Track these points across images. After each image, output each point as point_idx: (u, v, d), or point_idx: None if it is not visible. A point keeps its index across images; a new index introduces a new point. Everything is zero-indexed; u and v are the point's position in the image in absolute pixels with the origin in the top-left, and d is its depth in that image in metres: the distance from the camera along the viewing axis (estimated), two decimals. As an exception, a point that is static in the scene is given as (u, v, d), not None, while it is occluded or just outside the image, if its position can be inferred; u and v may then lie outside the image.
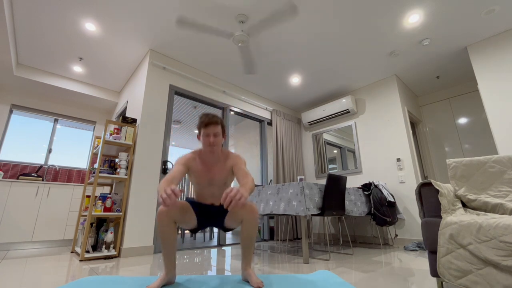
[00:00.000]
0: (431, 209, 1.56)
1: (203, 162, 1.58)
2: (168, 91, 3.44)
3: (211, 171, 1.57)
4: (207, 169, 1.57)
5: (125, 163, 2.92)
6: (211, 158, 1.57)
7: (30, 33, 3.08)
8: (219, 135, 1.54)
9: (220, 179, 1.57)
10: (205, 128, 1.52)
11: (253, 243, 1.47)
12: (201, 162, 1.58)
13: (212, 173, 1.57)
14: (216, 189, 1.58)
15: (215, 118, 1.54)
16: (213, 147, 1.52)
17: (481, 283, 1.20)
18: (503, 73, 3.01)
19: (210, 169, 1.57)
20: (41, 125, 4.26)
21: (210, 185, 1.57)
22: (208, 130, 1.51)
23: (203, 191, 1.59)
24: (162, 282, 1.35)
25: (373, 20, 2.88)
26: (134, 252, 2.73)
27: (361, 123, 4.31)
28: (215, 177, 1.57)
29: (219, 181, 1.57)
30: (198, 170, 1.56)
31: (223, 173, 1.58)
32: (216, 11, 2.74)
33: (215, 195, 1.59)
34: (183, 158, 1.55)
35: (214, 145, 1.52)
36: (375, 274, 1.91)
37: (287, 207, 2.54)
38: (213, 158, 1.57)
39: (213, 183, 1.57)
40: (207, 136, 1.52)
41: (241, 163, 1.57)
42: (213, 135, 1.52)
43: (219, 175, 1.57)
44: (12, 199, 3.28)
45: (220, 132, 1.56)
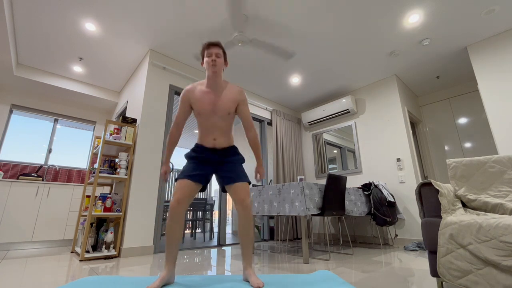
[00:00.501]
0: (431, 209, 1.56)
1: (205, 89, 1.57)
2: (168, 91, 3.44)
3: (213, 97, 1.56)
4: (209, 95, 1.56)
5: (125, 163, 2.92)
6: (215, 82, 1.56)
7: (30, 33, 3.08)
8: (221, 57, 1.56)
9: (224, 107, 1.56)
10: (207, 49, 1.55)
11: (251, 240, 1.49)
12: (202, 89, 1.57)
13: (214, 98, 1.56)
14: (219, 119, 1.57)
15: (217, 41, 1.59)
16: (215, 66, 1.52)
17: (481, 283, 1.20)
18: (503, 73, 3.01)
19: (212, 95, 1.56)
20: (41, 125, 4.26)
21: (213, 112, 1.55)
22: (210, 51, 1.54)
23: (206, 122, 1.57)
24: (162, 282, 1.35)
25: (373, 20, 2.88)
26: (134, 252, 2.73)
27: (361, 123, 4.31)
28: (219, 103, 1.55)
29: (223, 109, 1.56)
30: (200, 97, 1.55)
31: (228, 100, 1.57)
32: (217, 11, 2.74)
33: (217, 126, 1.57)
34: (182, 94, 1.60)
35: (216, 64, 1.52)
36: (375, 274, 1.91)
37: (291, 208, 2.54)
38: (217, 84, 1.56)
39: (217, 110, 1.55)
40: (209, 56, 1.53)
41: (246, 102, 1.64)
42: (215, 55, 1.53)
43: (223, 103, 1.56)
44: (12, 199, 3.28)
45: (222, 54, 1.57)
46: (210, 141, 1.58)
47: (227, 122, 1.60)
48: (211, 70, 1.53)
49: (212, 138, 1.58)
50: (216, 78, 1.55)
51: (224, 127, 1.59)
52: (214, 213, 6.04)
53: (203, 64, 1.60)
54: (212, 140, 1.58)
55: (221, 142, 1.59)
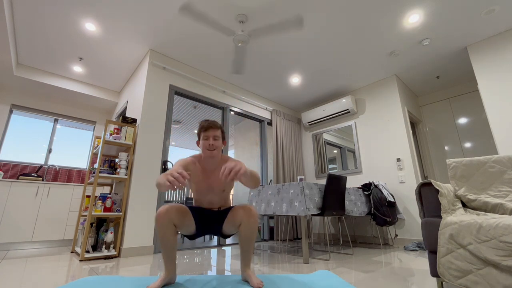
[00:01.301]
0: (431, 209, 1.56)
1: (203, 168, 1.56)
2: (168, 91, 3.44)
3: (210, 177, 1.55)
4: (206, 175, 1.55)
5: (125, 163, 2.92)
6: (211, 163, 1.55)
7: (30, 33, 3.08)
8: (219, 139, 1.54)
9: (219, 186, 1.56)
10: (205, 132, 1.52)
11: (252, 245, 1.46)
12: (200, 168, 1.55)
13: (211, 179, 1.55)
14: (215, 196, 1.57)
15: (215, 122, 1.55)
16: (212, 151, 1.50)
17: (481, 283, 1.20)
18: (503, 73, 3.01)
19: (209, 175, 1.55)
20: (41, 125, 4.26)
21: (209, 192, 1.55)
22: (207, 133, 1.51)
23: (202, 198, 1.58)
24: (162, 282, 1.35)
25: (373, 20, 2.88)
26: (134, 252, 2.73)
27: (361, 123, 4.31)
28: (214, 184, 1.55)
29: (218, 188, 1.56)
30: (197, 176, 1.54)
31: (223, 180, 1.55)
32: (217, 11, 2.74)
33: (213, 202, 1.58)
34: (183, 160, 1.53)
35: (213, 148, 1.50)
36: (375, 274, 1.91)
37: (289, 207, 2.54)
38: (213, 163, 1.55)
39: (212, 190, 1.55)
40: (207, 139, 1.51)
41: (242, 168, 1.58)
42: (213, 138, 1.51)
43: (219, 182, 1.55)
44: (12, 199, 3.28)
45: (220, 136, 1.55)
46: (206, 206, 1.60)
47: (224, 194, 1.60)
48: (208, 154, 1.51)
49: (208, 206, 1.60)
50: (213, 158, 1.54)
51: (220, 199, 1.59)
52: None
53: (199, 145, 1.57)
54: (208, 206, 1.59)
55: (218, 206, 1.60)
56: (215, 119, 3.96)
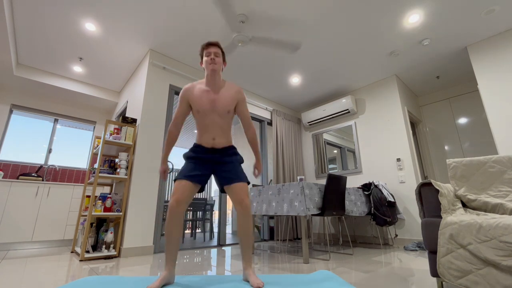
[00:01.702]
0: (431, 209, 1.56)
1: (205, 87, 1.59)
2: (168, 91, 3.44)
3: (213, 96, 1.57)
4: (208, 93, 1.57)
5: (125, 163, 2.92)
6: (214, 81, 1.57)
7: (30, 33, 3.08)
8: (220, 56, 1.58)
9: (223, 104, 1.57)
10: (206, 49, 1.57)
11: (250, 240, 1.48)
12: (202, 88, 1.59)
13: (214, 97, 1.57)
14: (218, 117, 1.57)
15: (215, 41, 1.61)
16: (214, 65, 1.53)
17: (481, 283, 1.20)
18: (503, 73, 3.01)
19: (213, 94, 1.57)
20: (41, 125, 4.26)
21: (212, 110, 1.56)
22: (209, 50, 1.57)
23: (205, 120, 1.57)
24: (162, 282, 1.35)
25: (373, 20, 2.88)
26: (134, 252, 2.73)
27: (361, 123, 4.31)
28: (218, 101, 1.56)
29: (222, 106, 1.56)
30: (199, 95, 1.56)
31: (227, 99, 1.58)
32: (217, 11, 2.74)
33: (216, 124, 1.57)
34: (180, 93, 1.61)
35: (215, 62, 1.54)
36: (375, 274, 1.91)
37: (289, 208, 2.54)
38: (216, 82, 1.58)
39: (216, 108, 1.56)
40: (208, 55, 1.56)
41: (245, 101, 1.67)
42: (214, 54, 1.56)
43: (223, 100, 1.57)
44: (12, 199, 3.28)
45: (220, 53, 1.60)
46: (209, 141, 1.58)
47: (226, 121, 1.61)
48: (210, 68, 1.55)
49: (211, 138, 1.58)
50: (215, 76, 1.57)
51: (223, 125, 1.59)
52: (214, 213, 6.04)
53: (202, 64, 1.62)
54: (211, 140, 1.57)
55: (220, 141, 1.59)
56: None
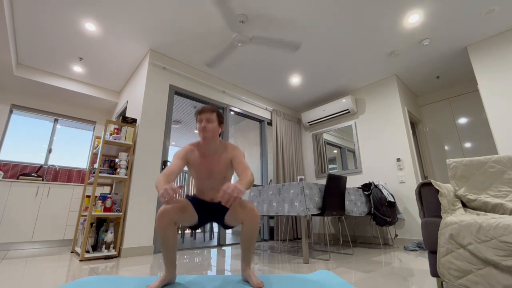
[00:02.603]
0: (431, 209, 1.56)
1: (201, 153, 1.58)
2: (168, 91, 3.44)
3: (209, 162, 1.56)
4: (205, 160, 1.56)
5: (125, 163, 2.92)
6: (208, 146, 1.56)
7: (30, 33, 3.08)
8: (213, 122, 1.54)
9: (219, 171, 1.56)
10: (199, 115, 1.55)
11: (253, 245, 1.46)
12: (199, 154, 1.57)
13: (210, 164, 1.56)
14: (215, 182, 1.57)
15: (209, 106, 1.58)
16: (206, 133, 1.51)
17: (481, 283, 1.20)
18: (503, 73, 3.01)
19: (209, 160, 1.56)
20: (41, 125, 4.26)
21: (209, 177, 1.56)
22: (201, 116, 1.54)
23: (203, 185, 1.58)
24: (162, 283, 1.35)
25: (373, 20, 2.88)
26: (134, 252, 2.73)
27: (361, 123, 4.31)
28: (214, 169, 1.56)
29: (218, 173, 1.56)
30: (196, 162, 1.55)
31: (222, 164, 1.56)
32: (217, 12, 2.74)
33: (215, 188, 1.57)
34: (181, 151, 1.56)
35: (206, 130, 1.51)
36: (375, 274, 1.91)
37: (290, 208, 2.54)
38: (210, 147, 1.56)
39: (212, 176, 1.56)
40: (200, 122, 1.53)
41: (240, 155, 1.56)
42: (206, 120, 1.52)
43: (218, 167, 1.56)
44: (12, 199, 3.28)
45: (214, 119, 1.55)
46: (208, 198, 1.59)
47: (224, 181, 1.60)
48: (202, 136, 1.53)
49: (210, 197, 1.59)
50: (209, 144, 1.55)
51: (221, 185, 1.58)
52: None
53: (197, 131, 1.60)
54: (210, 197, 1.59)
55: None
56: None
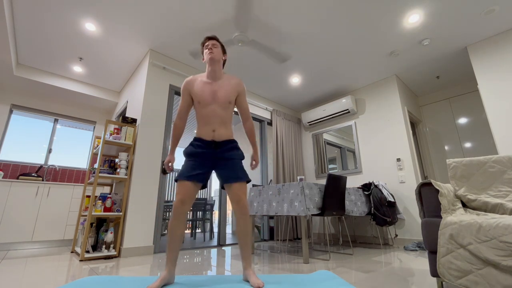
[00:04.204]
0: (431, 209, 1.56)
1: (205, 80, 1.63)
2: (168, 91, 3.44)
3: (213, 86, 1.60)
4: (209, 85, 1.61)
5: (125, 163, 2.92)
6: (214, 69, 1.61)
7: (30, 33, 3.08)
8: (218, 47, 1.64)
9: (224, 95, 1.59)
10: (206, 41, 1.65)
11: (249, 240, 1.49)
12: (203, 80, 1.63)
13: (215, 88, 1.60)
14: (219, 108, 1.58)
15: (213, 35, 1.68)
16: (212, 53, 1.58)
17: (481, 283, 1.20)
18: (503, 73, 3.01)
19: (213, 85, 1.61)
20: (41, 125, 4.26)
21: (213, 101, 1.58)
22: (207, 43, 1.64)
23: (206, 111, 1.57)
24: (162, 282, 1.35)
25: (373, 20, 2.88)
26: (134, 252, 2.73)
27: (361, 123, 4.31)
28: (219, 92, 1.59)
29: (223, 97, 1.59)
30: (199, 87, 1.60)
31: (228, 90, 1.61)
32: (219, 10, 2.74)
33: (216, 115, 1.57)
34: (182, 85, 1.65)
35: (213, 52, 1.59)
36: (375, 274, 1.91)
37: (290, 208, 2.54)
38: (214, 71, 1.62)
39: (217, 99, 1.58)
40: (207, 47, 1.62)
41: (245, 95, 1.71)
42: (212, 45, 1.61)
43: (224, 91, 1.60)
44: (12, 199, 3.28)
45: (219, 45, 1.65)
46: (209, 132, 1.57)
47: (227, 112, 1.62)
48: (209, 56, 1.59)
49: (211, 129, 1.57)
50: (215, 66, 1.61)
51: (223, 116, 1.60)
52: (214, 213, 6.04)
53: (204, 59, 1.66)
54: (211, 131, 1.57)
55: (221, 133, 1.58)
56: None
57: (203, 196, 6.73)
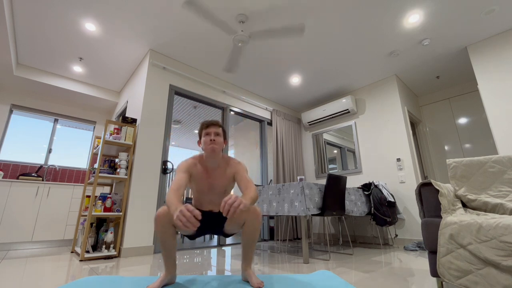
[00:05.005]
0: (431, 209, 1.56)
1: (204, 167, 1.55)
2: (168, 91, 3.44)
3: (211, 177, 1.55)
4: (208, 174, 1.55)
5: (125, 163, 2.92)
6: (212, 160, 1.54)
7: (30, 33, 3.08)
8: (220, 136, 1.55)
9: (221, 185, 1.56)
10: (206, 129, 1.54)
11: (254, 245, 1.46)
12: (202, 168, 1.55)
13: (212, 178, 1.55)
14: (215, 196, 1.57)
15: (216, 121, 1.58)
16: (214, 145, 1.49)
17: (481, 283, 1.20)
18: (503, 73, 3.01)
19: (211, 175, 1.55)
20: (41, 125, 4.26)
21: (210, 191, 1.56)
22: (209, 130, 1.53)
23: (203, 198, 1.58)
24: (162, 282, 1.35)
25: (373, 20, 2.88)
26: (134, 252, 2.73)
27: (361, 123, 4.31)
28: (216, 183, 1.55)
29: (219, 187, 1.56)
30: (198, 176, 1.54)
31: (224, 179, 1.56)
32: (217, 10, 2.74)
33: (213, 202, 1.58)
34: (184, 164, 1.52)
35: (215, 143, 1.50)
36: (375, 274, 1.91)
37: (290, 208, 2.54)
38: (214, 161, 1.55)
39: (213, 190, 1.55)
40: (208, 135, 1.52)
41: (243, 170, 1.56)
42: (214, 134, 1.52)
43: (220, 181, 1.55)
44: (12, 199, 3.28)
45: (221, 133, 1.56)
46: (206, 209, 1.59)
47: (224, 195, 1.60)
48: (210, 148, 1.50)
49: (208, 209, 1.59)
50: (215, 156, 1.53)
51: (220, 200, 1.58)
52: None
53: (200, 144, 1.58)
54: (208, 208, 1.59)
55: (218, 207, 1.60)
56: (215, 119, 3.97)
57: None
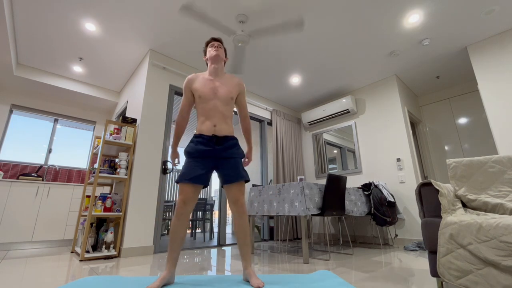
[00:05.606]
0: (431, 209, 1.56)
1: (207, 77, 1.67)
2: (168, 91, 3.44)
3: (215, 83, 1.64)
4: (211, 81, 1.64)
5: (125, 163, 2.92)
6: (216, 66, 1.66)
7: (30, 33, 3.08)
8: (222, 49, 1.71)
9: (225, 90, 1.63)
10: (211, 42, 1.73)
11: (249, 239, 1.50)
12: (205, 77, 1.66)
13: (217, 84, 1.63)
14: (220, 103, 1.60)
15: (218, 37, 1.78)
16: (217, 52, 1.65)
17: (481, 283, 1.20)
18: (503, 73, 3.01)
19: (215, 80, 1.65)
20: (41, 125, 4.26)
21: (214, 96, 1.60)
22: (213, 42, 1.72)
23: (207, 106, 1.59)
24: (162, 282, 1.35)
25: (373, 20, 2.88)
26: (134, 252, 2.73)
27: (361, 123, 4.31)
28: (220, 88, 1.62)
29: (224, 92, 1.62)
30: (201, 83, 1.64)
31: (229, 86, 1.66)
32: (217, 11, 2.74)
33: (217, 110, 1.58)
34: (184, 83, 1.68)
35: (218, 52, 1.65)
36: (375, 274, 1.91)
37: (290, 208, 2.54)
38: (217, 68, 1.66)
39: (218, 95, 1.61)
40: (212, 46, 1.69)
41: (245, 93, 1.77)
42: (217, 45, 1.70)
43: (225, 87, 1.64)
44: (12, 199, 3.28)
45: (223, 48, 1.73)
46: (210, 127, 1.56)
47: (228, 108, 1.64)
48: (214, 54, 1.65)
49: (212, 124, 1.57)
50: (218, 64, 1.67)
51: (224, 111, 1.61)
52: (214, 213, 6.04)
53: (205, 57, 1.75)
54: (212, 126, 1.57)
55: (222, 128, 1.58)
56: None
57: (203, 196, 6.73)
